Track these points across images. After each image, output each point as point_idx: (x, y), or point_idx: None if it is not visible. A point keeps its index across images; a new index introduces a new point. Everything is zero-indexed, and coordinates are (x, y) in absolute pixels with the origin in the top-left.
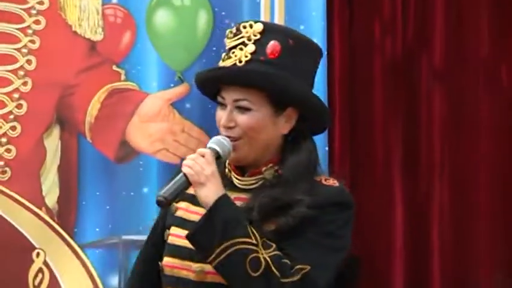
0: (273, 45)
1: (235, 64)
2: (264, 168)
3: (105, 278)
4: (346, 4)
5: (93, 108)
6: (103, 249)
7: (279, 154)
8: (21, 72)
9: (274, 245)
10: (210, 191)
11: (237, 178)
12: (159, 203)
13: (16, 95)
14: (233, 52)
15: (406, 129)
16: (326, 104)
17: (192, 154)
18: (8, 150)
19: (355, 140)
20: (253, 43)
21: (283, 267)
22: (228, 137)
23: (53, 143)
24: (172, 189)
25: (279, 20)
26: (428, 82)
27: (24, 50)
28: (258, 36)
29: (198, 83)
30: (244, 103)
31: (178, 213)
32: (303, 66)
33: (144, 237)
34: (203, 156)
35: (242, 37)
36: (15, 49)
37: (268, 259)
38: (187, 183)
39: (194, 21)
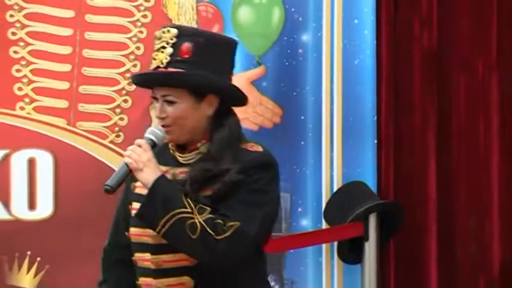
0: (185, 46)
1: (158, 67)
2: (198, 145)
3: None
4: (392, 2)
5: None
6: None
7: (209, 131)
8: (132, 56)
9: (208, 209)
10: (148, 175)
11: (179, 155)
12: (106, 191)
13: (127, 75)
14: (156, 55)
15: (439, 105)
16: (372, 83)
17: (131, 146)
18: (121, 119)
19: (398, 113)
20: (171, 46)
21: (217, 227)
22: (163, 125)
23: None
24: (116, 178)
25: (337, 14)
26: (457, 70)
27: (134, 39)
28: (174, 39)
29: (134, 83)
30: (169, 98)
31: (137, 191)
32: (216, 58)
33: None
34: (140, 146)
35: (162, 41)
36: (127, 38)
37: (202, 222)
38: (129, 170)
39: (269, 15)
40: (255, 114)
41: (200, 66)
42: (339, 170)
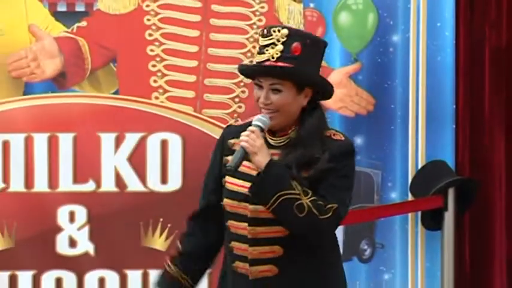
0: (295, 45)
1: (268, 59)
2: (289, 131)
3: None
4: (468, 9)
5: None
6: None
7: (299, 119)
8: (249, 54)
9: (311, 192)
10: (262, 158)
11: (270, 138)
12: (228, 171)
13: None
14: (266, 50)
15: (506, 97)
16: (451, 77)
17: (245, 132)
18: (240, 107)
19: (473, 103)
20: (282, 44)
21: (320, 208)
22: (267, 111)
23: None
24: (235, 160)
25: (422, 18)
26: None
27: (251, 39)
28: (285, 38)
29: (242, 72)
30: (277, 86)
31: (244, 170)
32: (316, 57)
33: None
34: (253, 132)
35: (272, 38)
36: (245, 38)
37: (309, 203)
38: (245, 153)
39: (365, 19)
40: (352, 103)
41: (306, 63)
42: (423, 151)
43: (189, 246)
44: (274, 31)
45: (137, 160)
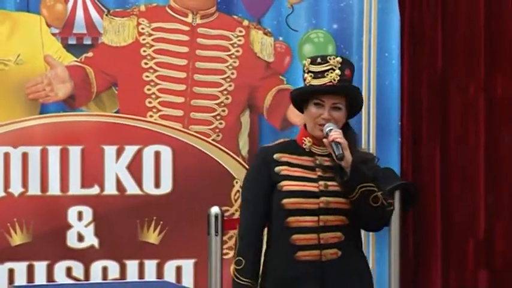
0: (348, 71)
1: (331, 81)
2: None
3: None
4: (411, 41)
5: (268, 99)
6: None
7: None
8: (228, 79)
9: (379, 186)
10: (348, 154)
11: (316, 148)
12: (340, 159)
13: (225, 92)
14: (326, 74)
15: (441, 115)
16: (397, 98)
17: (336, 130)
18: (221, 123)
19: (415, 121)
20: (339, 69)
21: (386, 201)
22: (322, 125)
23: (245, 119)
24: (339, 151)
25: (373, 49)
26: (454, 89)
27: (230, 66)
28: (340, 65)
29: (314, 91)
30: (338, 105)
31: (283, 173)
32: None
33: None
34: (340, 133)
35: (330, 65)
36: (225, 66)
37: (381, 196)
38: (340, 147)
39: (325, 50)
40: None
41: (353, 84)
42: None
43: (251, 256)
44: (330, 58)
45: (135, 168)
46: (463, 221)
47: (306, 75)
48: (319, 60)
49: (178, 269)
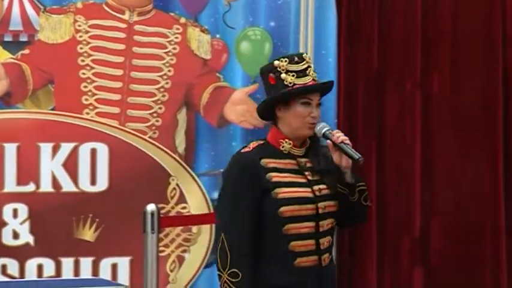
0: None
1: (313, 79)
2: (307, 141)
3: (210, 193)
4: (347, 39)
5: (205, 97)
6: (210, 177)
7: None
8: (165, 76)
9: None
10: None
11: (296, 149)
12: (360, 161)
13: (162, 89)
14: (307, 72)
15: (377, 111)
16: (334, 95)
17: (340, 133)
18: (157, 121)
19: (351, 117)
20: (311, 67)
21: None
22: (312, 124)
23: (182, 117)
24: (354, 152)
25: (310, 47)
26: (390, 86)
27: (167, 64)
28: (310, 61)
29: (306, 91)
30: (320, 101)
31: (275, 179)
32: None
33: None
34: None
35: (307, 62)
36: (162, 63)
37: (368, 194)
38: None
39: (262, 47)
40: (251, 117)
41: None
42: None
43: (248, 267)
44: (304, 56)
45: (70, 165)
46: (398, 218)
47: (284, 75)
48: (296, 59)
49: (114, 267)
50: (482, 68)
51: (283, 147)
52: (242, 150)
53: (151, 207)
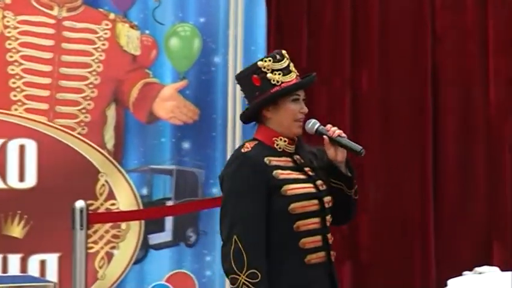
0: None
1: (297, 75)
2: (296, 138)
3: (139, 190)
4: (277, 35)
5: (134, 93)
6: (139, 173)
7: None
8: (94, 73)
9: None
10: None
11: (290, 146)
12: (362, 153)
13: (91, 85)
14: (291, 68)
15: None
16: None
17: (336, 127)
18: (86, 117)
19: None
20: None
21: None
22: (301, 121)
23: (111, 113)
24: (355, 145)
25: (239, 43)
26: (319, 83)
27: (96, 60)
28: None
29: (297, 87)
30: (305, 97)
31: (282, 177)
32: None
33: (160, 166)
34: None
35: (287, 59)
36: (91, 60)
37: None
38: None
39: (191, 43)
40: (180, 113)
41: None
42: None
43: (265, 266)
44: (284, 54)
45: None
46: None
47: (270, 75)
48: (278, 57)
49: (43, 263)
50: (411, 64)
51: (277, 145)
52: (242, 150)
53: (80, 203)
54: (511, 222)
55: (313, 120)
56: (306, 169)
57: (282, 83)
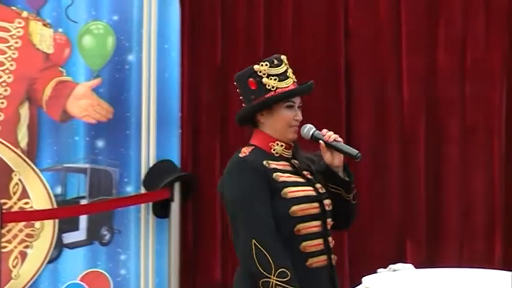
0: None
1: (294, 81)
2: (292, 143)
3: (53, 189)
4: (191, 34)
5: (47, 91)
6: (52, 172)
7: None
8: (7, 71)
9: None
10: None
11: (287, 152)
12: (359, 157)
13: (4, 83)
14: (288, 74)
15: (222, 105)
16: (177, 90)
17: (331, 132)
18: (0, 116)
19: (196, 112)
20: (290, 68)
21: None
22: (295, 127)
23: (24, 111)
24: (351, 149)
25: (153, 41)
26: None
27: (9, 58)
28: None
29: (289, 95)
30: (301, 103)
31: (282, 179)
32: None
33: (74, 165)
34: None
35: (285, 64)
36: (4, 58)
37: (356, 191)
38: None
39: (105, 41)
40: (94, 112)
41: None
42: (153, 151)
43: (290, 263)
44: (282, 58)
45: None
46: None
47: (265, 79)
48: (276, 62)
49: None
50: (324, 61)
51: (274, 150)
52: (240, 155)
53: None
54: (425, 220)
55: (309, 126)
56: (305, 173)
57: (277, 88)
